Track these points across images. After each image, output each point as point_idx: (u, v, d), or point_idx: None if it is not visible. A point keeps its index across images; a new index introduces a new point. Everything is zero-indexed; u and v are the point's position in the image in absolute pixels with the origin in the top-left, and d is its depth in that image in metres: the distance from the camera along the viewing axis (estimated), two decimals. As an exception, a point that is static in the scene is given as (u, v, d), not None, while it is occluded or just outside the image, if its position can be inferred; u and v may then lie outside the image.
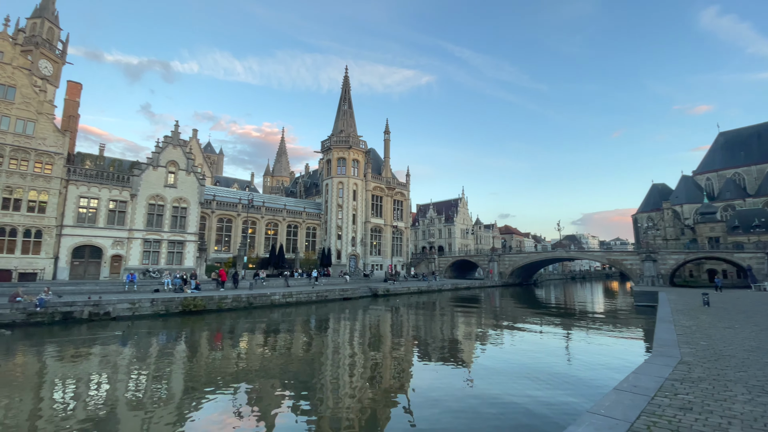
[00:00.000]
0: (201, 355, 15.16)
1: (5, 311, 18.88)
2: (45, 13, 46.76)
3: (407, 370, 13.55)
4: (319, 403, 9.97)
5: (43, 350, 15.32)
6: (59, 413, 9.06)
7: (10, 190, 29.90)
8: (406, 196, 63.23)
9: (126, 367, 13.13)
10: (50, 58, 46.43)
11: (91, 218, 33.72)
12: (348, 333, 20.69)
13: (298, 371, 12.95)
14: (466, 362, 14.54)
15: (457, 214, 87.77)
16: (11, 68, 30.87)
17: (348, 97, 59.56)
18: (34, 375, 12.29)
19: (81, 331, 18.70)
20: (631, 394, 6.42)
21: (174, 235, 37.58)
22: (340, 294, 34.91)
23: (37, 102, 31.81)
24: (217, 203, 45.23)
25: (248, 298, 28.13)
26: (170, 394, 10.57)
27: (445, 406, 9.70)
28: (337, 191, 53.92)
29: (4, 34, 30.96)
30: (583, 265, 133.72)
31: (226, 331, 20.43)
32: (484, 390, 10.92)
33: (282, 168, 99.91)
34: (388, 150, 61.16)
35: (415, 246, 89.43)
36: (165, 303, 24.01)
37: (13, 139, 30.31)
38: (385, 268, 56.44)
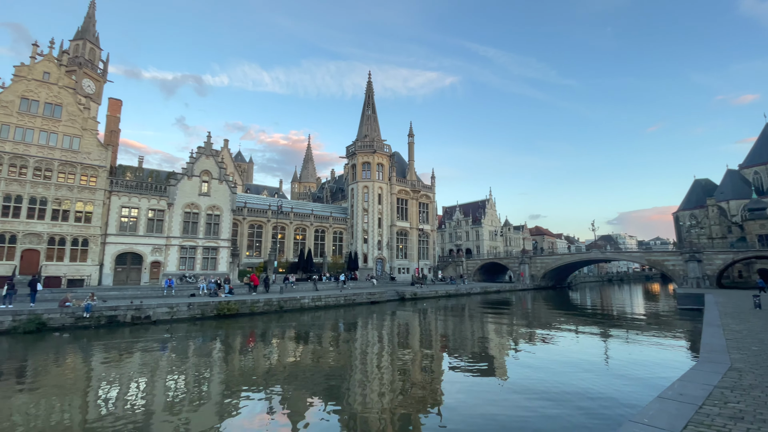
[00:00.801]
0: (236, 358, 15.61)
1: (56, 315, 20.22)
2: (87, 35, 50.09)
3: (437, 374, 13.39)
4: (350, 406, 10.02)
5: (91, 352, 16.28)
6: (106, 412, 9.58)
7: (59, 202, 32.11)
8: (432, 199, 62.82)
9: (167, 368, 13.72)
10: (92, 77, 49.64)
11: (132, 227, 35.64)
12: (376, 336, 20.72)
13: (329, 374, 13.08)
14: (498, 367, 14.20)
15: (485, 215, 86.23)
16: (57, 88, 33.23)
17: (371, 102, 60.05)
18: (83, 375, 13.07)
19: (124, 334, 19.73)
20: (677, 402, 6.05)
21: (208, 241, 39.09)
22: (368, 298, 35.05)
23: (81, 119, 34.07)
24: (248, 210, 46.64)
25: (279, 302, 28.76)
26: (208, 395, 10.94)
27: (477, 412, 9.50)
28: (362, 195, 54.33)
29: (50, 57, 33.40)
30: (621, 266, 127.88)
31: (258, 334, 20.96)
32: (518, 396, 10.61)
33: (309, 174, 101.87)
34: (413, 153, 61.08)
35: (441, 249, 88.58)
36: (201, 307, 24.96)
37: (61, 154, 32.58)
38: (411, 271, 56.21)
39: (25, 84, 31.79)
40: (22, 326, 18.78)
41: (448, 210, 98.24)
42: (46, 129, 32.21)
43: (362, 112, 60.19)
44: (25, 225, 30.46)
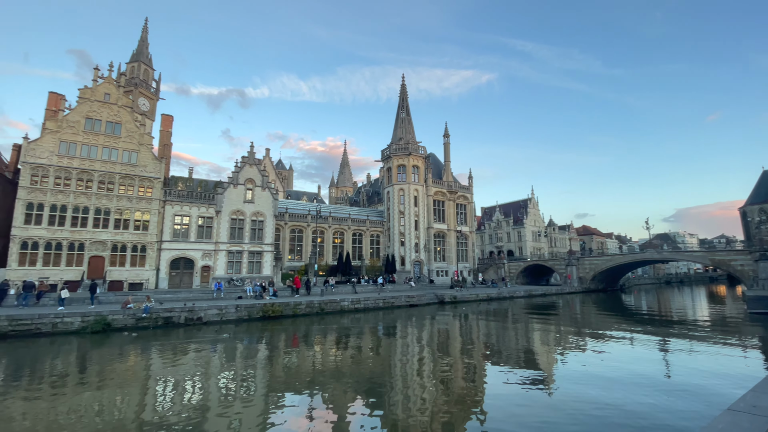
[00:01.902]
0: (280, 358, 16.10)
1: (119, 316, 21.95)
2: (141, 57, 54.31)
3: (480, 380, 13.01)
4: (391, 411, 9.97)
5: (150, 351, 17.49)
6: (164, 407, 10.22)
7: (120, 212, 34.95)
8: (470, 200, 61.59)
9: (218, 367, 14.42)
10: (147, 95, 53.68)
11: (184, 233, 38.04)
12: (416, 340, 20.54)
13: (370, 377, 13.12)
14: (545, 374, 13.55)
15: (527, 215, 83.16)
16: (117, 107, 36.26)
17: (405, 104, 60.08)
18: (144, 373, 14.04)
19: (179, 334, 21.01)
20: (749, 415, 5.42)
21: (253, 246, 40.85)
22: (406, 301, 34.90)
23: (138, 135, 36.93)
24: (289, 215, 48.22)
25: (320, 304, 29.38)
26: (255, 393, 11.35)
27: (523, 421, 9.10)
28: (398, 198, 54.36)
29: (110, 79, 36.54)
30: (680, 267, 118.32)
31: (301, 335, 21.50)
32: (568, 405, 10.04)
33: (345, 179, 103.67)
34: (448, 153, 60.30)
35: (481, 251, 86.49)
36: (247, 309, 26.06)
37: (121, 168, 35.48)
38: (450, 274, 55.32)
39: (88, 105, 35.01)
40: (90, 326, 20.55)
41: (487, 211, 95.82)
42: (108, 145, 35.25)
43: (396, 115, 60.36)
44: (92, 234, 33.45)
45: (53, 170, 32.67)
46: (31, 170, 31.95)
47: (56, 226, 32.24)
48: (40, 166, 32.26)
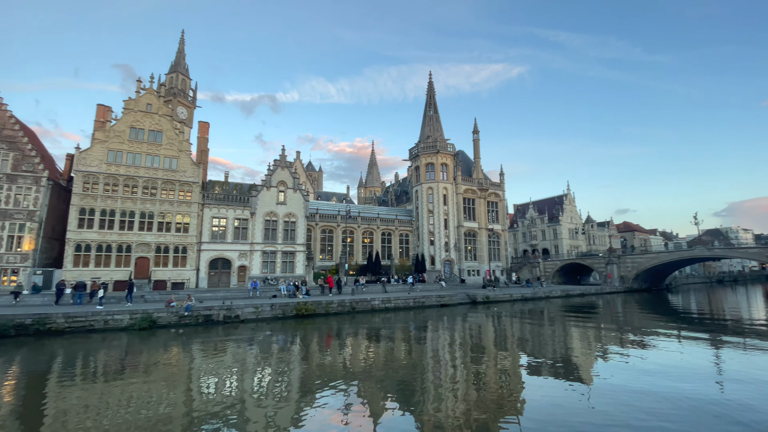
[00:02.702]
0: (314, 355, 16.38)
1: (163, 314, 23.15)
2: (179, 68, 57.02)
3: (516, 380, 12.62)
4: (424, 409, 9.87)
5: (192, 347, 18.31)
6: (206, 401, 10.65)
7: (163, 215, 36.88)
8: (501, 197, 60.12)
9: (255, 363, 14.87)
10: (185, 104, 56.29)
11: (222, 235, 39.63)
12: (449, 340, 20.27)
13: (402, 376, 13.07)
14: (583, 376, 12.95)
15: (563, 212, 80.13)
16: (158, 116, 38.27)
17: (433, 102, 59.52)
18: (186, 368, 14.71)
19: (218, 331, 21.87)
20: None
21: (286, 246, 41.94)
22: (437, 300, 34.55)
23: (177, 142, 38.81)
24: (319, 216, 49.08)
25: (351, 303, 29.67)
26: (291, 389, 11.60)
27: (561, 424, 8.72)
28: (426, 197, 53.94)
29: (151, 90, 38.62)
30: (734, 264, 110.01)
31: (334, 333, 21.80)
32: (609, 413, 9.51)
33: (373, 179, 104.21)
34: (478, 150, 59.16)
35: (515, 249, 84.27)
36: (282, 307, 26.76)
37: (163, 174, 37.43)
38: (482, 273, 54.26)
39: (132, 115, 37.18)
40: (137, 323, 21.81)
41: (520, 208, 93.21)
42: (150, 153, 37.30)
43: (424, 113, 59.92)
44: (138, 236, 35.51)
45: (102, 177, 34.98)
46: (82, 178, 34.37)
47: (106, 229, 34.50)
48: (90, 173, 34.63)
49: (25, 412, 10.02)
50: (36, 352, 17.01)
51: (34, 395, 11.51)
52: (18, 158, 33.32)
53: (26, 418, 9.61)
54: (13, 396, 11.41)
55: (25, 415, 9.79)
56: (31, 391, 11.93)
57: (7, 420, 9.35)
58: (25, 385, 12.46)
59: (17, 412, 9.97)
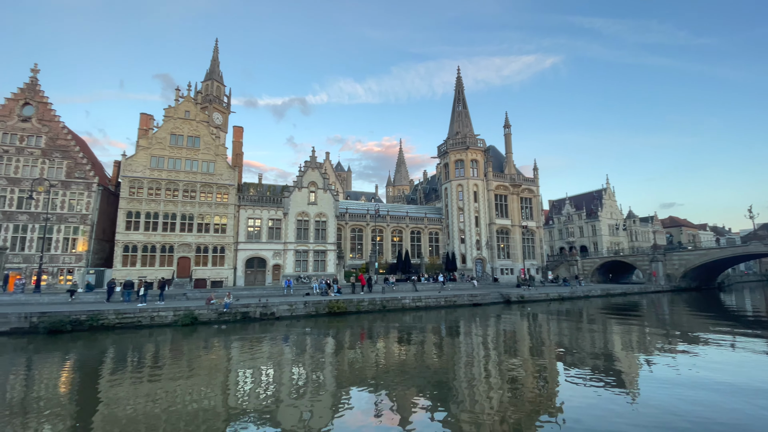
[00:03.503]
0: (347, 353, 16.57)
1: (204, 311, 24.23)
2: (213, 76, 59.41)
3: (553, 382, 12.17)
4: (457, 410, 9.72)
5: (231, 344, 19.04)
6: (243, 395, 11.05)
7: (202, 216, 38.62)
8: (535, 193, 58.22)
9: (290, 359, 15.25)
10: (220, 110, 58.61)
11: (257, 235, 40.99)
12: (482, 340, 19.88)
13: (434, 375, 12.95)
14: (626, 380, 12.29)
15: (602, 207, 76.55)
16: (196, 123, 40.07)
17: (462, 97, 58.53)
18: (225, 362, 15.31)
19: (255, 328, 22.62)
20: None
21: (317, 245, 42.77)
22: (469, 299, 33.98)
23: (214, 146, 40.48)
24: (349, 215, 49.62)
25: (382, 302, 29.79)
26: (325, 386, 11.79)
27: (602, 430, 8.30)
28: (456, 194, 53.15)
29: (189, 98, 40.48)
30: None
31: (366, 331, 21.97)
32: (653, 416, 8.96)
33: (402, 177, 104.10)
34: (510, 145, 57.56)
35: (550, 247, 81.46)
36: (315, 305, 27.31)
37: (201, 177, 39.18)
38: (516, 272, 52.80)
39: (172, 122, 39.15)
40: (180, 320, 22.96)
41: (555, 204, 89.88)
42: (189, 158, 39.14)
43: (452, 109, 59.06)
44: (179, 237, 37.39)
45: (146, 182, 37.11)
46: (128, 183, 36.61)
47: (150, 231, 36.58)
48: (135, 178, 36.83)
49: (82, 401, 10.80)
50: (90, 345, 18.30)
51: (89, 385, 12.39)
52: (71, 166, 35.99)
53: (83, 406, 10.36)
54: (71, 386, 12.33)
55: (82, 404, 10.55)
56: (86, 381, 12.85)
57: (66, 408, 10.13)
58: (81, 376, 13.43)
59: (75, 401, 10.77)
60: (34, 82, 36.20)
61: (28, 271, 33.00)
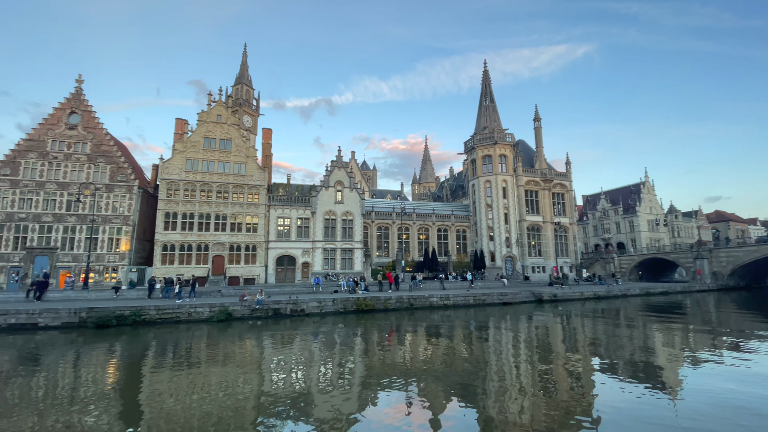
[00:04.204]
0: (375, 350, 16.64)
1: (238, 308, 25.05)
2: (243, 80, 61.16)
3: (588, 386, 11.69)
4: (487, 410, 9.52)
5: (263, 338, 19.59)
6: (274, 389, 11.31)
7: (234, 216, 39.96)
8: (568, 187, 56.16)
9: (319, 355, 15.50)
10: (249, 113, 60.27)
11: (286, 234, 41.96)
12: (512, 339, 19.41)
13: (463, 375, 12.75)
14: (669, 385, 11.59)
15: (640, 202, 72.89)
16: (227, 126, 41.45)
17: (489, 91, 57.25)
18: (258, 356, 15.75)
19: (286, 324, 23.15)
20: None
21: (344, 243, 43.24)
22: (499, 298, 33.26)
23: (245, 148, 41.73)
24: (375, 213, 49.81)
25: (409, 300, 29.71)
26: (354, 382, 11.89)
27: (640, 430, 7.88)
28: (484, 191, 52.11)
29: (220, 102, 41.92)
30: None
31: (394, 329, 21.98)
32: (698, 427, 8.40)
33: (427, 175, 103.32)
34: (540, 138, 55.77)
35: (584, 244, 78.47)
36: (343, 302, 27.63)
37: (233, 179, 40.52)
38: (548, 270, 51.19)
39: (205, 126, 40.68)
40: (216, 316, 23.85)
41: (590, 199, 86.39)
42: (221, 160, 40.57)
43: (479, 103, 57.88)
44: (214, 236, 38.87)
45: (182, 184, 38.80)
46: (166, 185, 38.40)
47: (187, 230, 38.26)
48: (172, 181, 38.58)
49: (126, 392, 11.44)
50: (133, 339, 19.35)
51: (133, 377, 13.10)
52: (114, 170, 38.16)
53: (127, 396, 10.98)
54: (116, 377, 13.08)
55: (127, 394, 11.18)
56: (131, 373, 13.59)
57: (112, 398, 10.75)
58: (126, 369, 14.22)
59: (120, 391, 11.42)
60: (79, 91, 38.63)
61: (77, 269, 35.34)
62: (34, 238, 35.15)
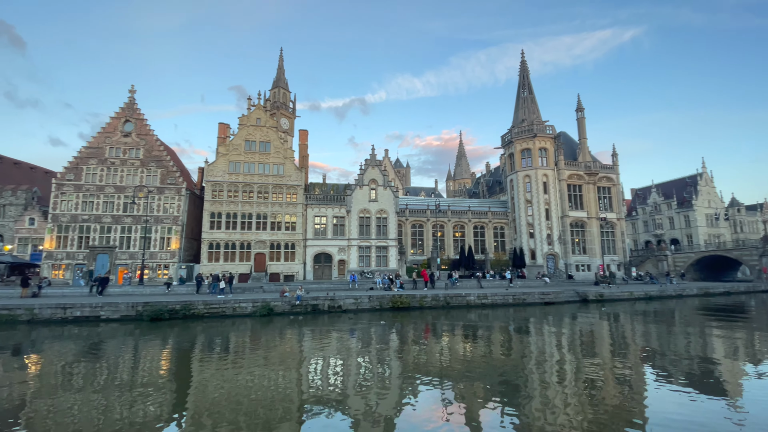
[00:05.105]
0: (413, 348, 16.60)
1: (279, 303, 25.96)
2: (280, 83, 62.91)
3: (639, 390, 10.97)
4: (528, 414, 9.20)
5: (303, 333, 20.16)
6: (313, 382, 11.61)
7: (274, 215, 41.41)
8: (615, 181, 53.02)
9: (356, 351, 15.71)
10: (286, 115, 61.93)
11: (323, 232, 42.90)
12: (555, 341, 18.64)
13: (503, 375, 12.42)
14: (731, 395, 10.59)
15: (697, 194, 67.38)
16: (266, 129, 42.95)
17: (527, 82, 55.17)
18: (298, 351, 16.23)
19: (324, 320, 23.69)
20: None
21: (379, 241, 43.51)
22: (540, 298, 32.04)
23: (283, 150, 43.07)
24: (409, 211, 49.66)
25: (445, 298, 29.38)
26: (390, 379, 11.94)
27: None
28: (523, 186, 50.35)
29: (259, 106, 43.51)
30: None
31: (430, 327, 21.84)
32: None
33: (462, 171, 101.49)
34: (583, 130, 53.02)
35: (634, 241, 73.84)
36: (378, 299, 27.85)
37: (272, 180, 41.97)
38: (593, 268, 48.66)
39: (246, 130, 42.41)
40: (258, 311, 24.87)
41: (639, 193, 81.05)
42: (261, 162, 42.15)
43: (517, 95, 55.95)
44: (255, 235, 40.50)
45: (225, 185, 40.75)
46: (211, 187, 40.48)
47: (230, 229, 40.17)
48: (216, 182, 40.62)
49: (177, 380, 12.20)
50: (184, 332, 20.59)
51: (183, 367, 13.96)
52: (164, 174, 40.75)
53: (178, 385, 11.70)
54: (169, 367, 13.99)
55: (177, 383, 11.92)
56: (182, 363, 14.47)
57: (165, 386, 11.50)
58: (177, 359, 15.16)
59: (172, 380, 12.20)
60: (132, 101, 41.57)
61: (133, 266, 38.15)
62: (96, 238, 38.35)
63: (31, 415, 9.06)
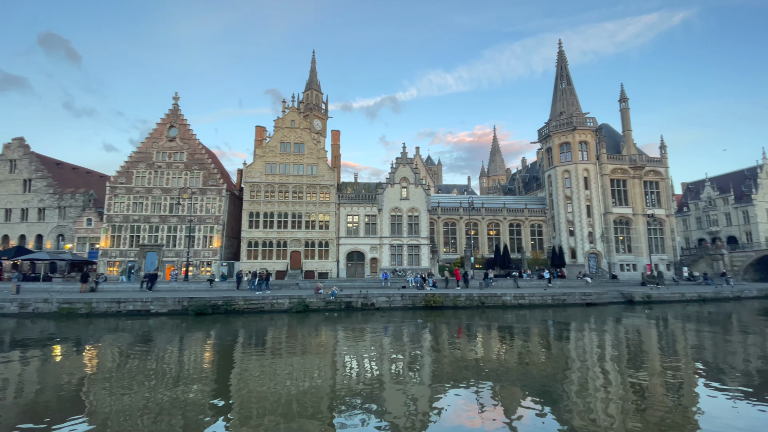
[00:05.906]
0: (446, 347, 16.47)
1: (314, 300, 26.60)
2: (312, 85, 64.28)
3: (689, 398, 10.24)
4: (568, 419, 8.85)
5: (337, 329, 20.54)
6: (347, 375, 11.80)
7: (309, 215, 42.41)
8: (663, 175, 49.66)
9: (390, 348, 15.78)
10: (319, 116, 63.24)
11: (355, 230, 43.40)
12: (598, 344, 17.81)
13: (541, 378, 12.02)
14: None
15: (757, 188, 61.73)
16: (300, 130, 44.02)
17: (565, 73, 52.84)
18: (333, 347, 16.55)
19: (358, 317, 24.00)
20: None
21: (411, 239, 43.41)
22: (581, 298, 30.68)
23: (316, 150, 43.97)
24: (441, 209, 49.11)
25: (480, 298, 28.84)
26: (425, 378, 11.91)
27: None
28: (562, 181, 48.31)
29: (293, 108, 44.63)
30: None
31: (464, 327, 21.54)
32: None
33: (497, 167, 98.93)
34: (628, 121, 50.02)
35: (685, 239, 68.90)
36: (411, 298, 27.81)
37: (306, 180, 42.99)
38: (640, 268, 45.93)
39: (281, 132, 43.68)
40: (295, 307, 25.60)
41: (691, 187, 75.40)
42: (296, 162, 43.29)
43: (554, 87, 53.71)
44: (290, 233, 41.69)
45: (263, 186, 42.24)
46: (249, 187, 42.09)
47: (268, 228, 41.61)
48: (254, 183, 42.18)
49: (220, 372, 12.83)
50: (225, 326, 21.59)
51: (225, 360, 14.64)
52: (206, 176, 42.83)
53: (220, 376, 12.30)
54: (212, 359, 14.72)
55: (220, 374, 12.53)
56: (224, 356, 15.19)
57: (208, 378, 12.12)
58: (220, 352, 15.93)
59: (215, 371, 12.84)
60: (176, 107, 43.98)
61: (179, 263, 40.41)
62: (145, 237, 41.01)
63: (92, 398, 9.87)
